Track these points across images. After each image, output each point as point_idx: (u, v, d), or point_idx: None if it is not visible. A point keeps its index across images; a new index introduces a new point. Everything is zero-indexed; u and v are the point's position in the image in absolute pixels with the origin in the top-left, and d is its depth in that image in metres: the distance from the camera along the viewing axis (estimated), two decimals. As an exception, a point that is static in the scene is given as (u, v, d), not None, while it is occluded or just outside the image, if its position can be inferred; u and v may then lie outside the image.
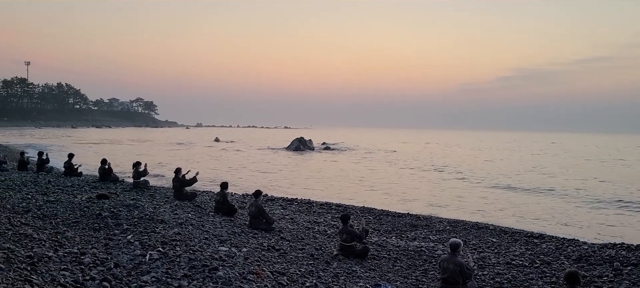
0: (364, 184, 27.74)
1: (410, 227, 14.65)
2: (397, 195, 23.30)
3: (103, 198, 13.23)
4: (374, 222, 15.08)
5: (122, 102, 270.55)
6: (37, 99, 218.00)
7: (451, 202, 21.44)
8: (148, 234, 9.32)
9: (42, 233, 8.66)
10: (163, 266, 7.33)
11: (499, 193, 24.63)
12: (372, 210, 17.53)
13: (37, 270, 6.41)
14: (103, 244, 8.49)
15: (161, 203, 13.51)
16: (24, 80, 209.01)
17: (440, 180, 30.68)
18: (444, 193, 24.56)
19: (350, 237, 10.26)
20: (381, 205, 19.36)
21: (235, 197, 17.98)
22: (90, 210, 11.27)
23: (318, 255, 10.20)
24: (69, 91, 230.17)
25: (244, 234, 11.02)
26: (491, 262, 10.86)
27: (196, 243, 8.94)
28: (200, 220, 11.64)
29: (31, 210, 10.88)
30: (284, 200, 18.65)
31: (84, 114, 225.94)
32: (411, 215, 16.92)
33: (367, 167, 39.57)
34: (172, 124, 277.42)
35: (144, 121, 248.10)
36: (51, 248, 7.67)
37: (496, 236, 13.77)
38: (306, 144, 61.70)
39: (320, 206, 17.56)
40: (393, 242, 12.30)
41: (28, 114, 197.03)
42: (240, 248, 9.39)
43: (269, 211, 13.56)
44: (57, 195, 13.61)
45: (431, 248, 11.87)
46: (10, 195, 13.12)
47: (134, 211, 11.41)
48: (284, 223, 13.23)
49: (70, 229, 9.52)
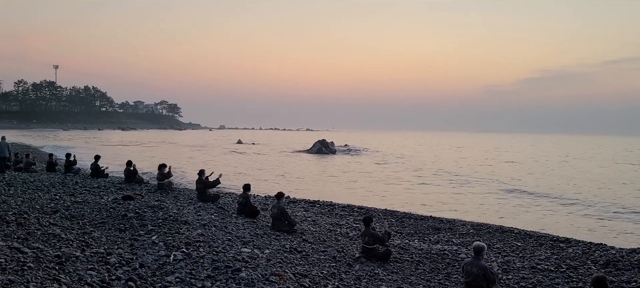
0: (385, 186, 27.62)
1: (433, 230, 14.53)
2: (420, 198, 23.13)
3: (128, 199, 13.45)
4: (396, 225, 15.00)
5: (147, 104, 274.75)
6: (65, 101, 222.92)
7: (474, 205, 21.20)
8: (172, 235, 9.44)
9: (69, 233, 8.85)
10: (187, 267, 7.42)
11: (523, 198, 24.27)
12: (395, 212, 17.44)
13: (65, 269, 6.55)
14: (128, 244, 8.63)
15: (185, 205, 13.67)
16: (52, 83, 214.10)
17: (462, 183, 30.35)
18: (466, 196, 24.30)
19: (373, 240, 10.23)
20: (403, 207, 19.25)
21: (257, 198, 18.09)
22: (116, 211, 11.47)
23: (340, 257, 10.19)
24: (96, 94, 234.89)
25: (267, 236, 11.07)
26: (516, 266, 10.70)
27: (219, 245, 9.02)
28: (223, 222, 11.74)
29: (59, 211, 11.12)
30: (306, 202, 18.68)
31: (110, 117, 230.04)
32: (434, 218, 16.77)
33: (388, 169, 39.40)
34: (195, 126, 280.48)
35: (168, 123, 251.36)
36: (78, 248, 7.83)
37: (521, 240, 13.56)
38: (328, 146, 61.70)
39: (342, 208, 17.54)
40: (416, 245, 12.22)
41: (56, 116, 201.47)
42: (263, 250, 9.44)
43: (291, 213, 13.60)
44: (84, 196, 13.89)
45: (454, 251, 11.75)
46: (39, 195, 13.45)
47: (158, 212, 11.57)
48: (306, 226, 13.25)
49: (96, 229, 9.70)
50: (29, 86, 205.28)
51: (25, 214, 9.97)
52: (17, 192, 13.74)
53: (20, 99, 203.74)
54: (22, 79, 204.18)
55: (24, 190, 14.29)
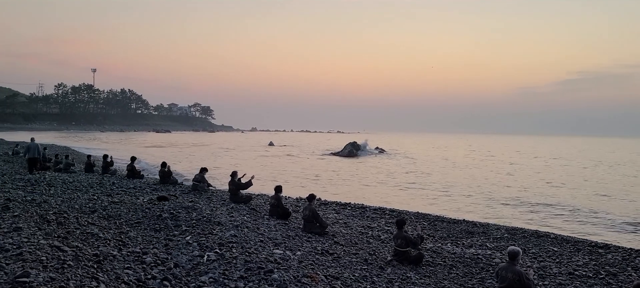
0: (417, 189, 27.36)
1: (466, 234, 14.32)
2: (452, 201, 22.82)
3: (163, 200, 13.72)
4: (429, 228, 14.84)
5: (181, 107, 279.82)
6: (102, 104, 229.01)
7: (508, 209, 20.79)
8: (206, 236, 9.58)
9: (107, 233, 9.07)
10: (220, 267, 7.51)
11: (560, 201, 23.67)
12: (427, 215, 17.26)
13: (103, 268, 6.72)
14: (163, 244, 8.80)
15: (218, 206, 13.85)
16: (90, 86, 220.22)
17: (497, 186, 29.81)
18: (500, 199, 23.84)
19: (405, 243, 10.14)
20: (436, 211, 19.04)
21: (289, 200, 18.17)
22: (151, 212, 11.71)
23: (372, 260, 10.14)
24: (132, 97, 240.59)
25: (298, 238, 11.11)
26: (552, 271, 10.44)
27: (252, 246, 9.10)
28: (255, 223, 11.84)
29: (97, 211, 11.42)
30: (337, 204, 18.68)
31: (145, 119, 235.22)
32: (467, 221, 16.53)
33: (421, 172, 39.01)
34: (227, 128, 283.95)
35: (201, 125, 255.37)
36: (115, 247, 8.02)
37: (557, 245, 13.23)
38: (359, 148, 61.52)
39: (373, 211, 17.46)
40: (448, 249, 12.06)
41: (94, 118, 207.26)
42: (295, 252, 9.47)
43: (323, 215, 13.61)
44: (121, 197, 14.23)
45: (488, 256, 11.55)
46: (78, 195, 13.84)
47: (192, 213, 11.76)
48: (338, 228, 13.24)
49: (132, 229, 9.92)
50: (68, 89, 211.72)
51: (65, 213, 10.27)
52: (57, 192, 14.18)
53: (60, 101, 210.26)
54: (62, 82, 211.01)
55: (63, 190, 14.73)
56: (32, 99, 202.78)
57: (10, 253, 6.53)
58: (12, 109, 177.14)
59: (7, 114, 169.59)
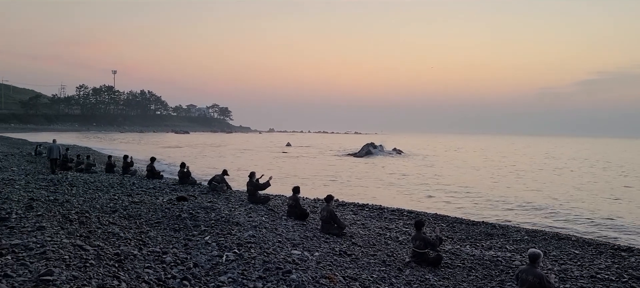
0: (435, 191, 27.17)
1: (486, 236, 14.18)
2: (471, 203, 22.61)
3: (182, 200, 13.85)
4: (447, 230, 14.74)
5: (199, 108, 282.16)
6: (122, 105, 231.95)
7: (528, 211, 20.53)
8: (224, 236, 9.64)
9: (127, 232, 9.19)
10: (239, 267, 7.55)
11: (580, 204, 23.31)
12: (445, 217, 17.14)
13: (124, 267, 6.81)
14: (183, 244, 8.88)
15: (236, 206, 13.93)
16: (110, 88, 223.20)
17: (517, 187, 29.47)
18: (520, 201, 23.56)
19: (424, 244, 10.08)
20: (454, 212, 18.89)
21: (307, 201, 18.20)
22: (170, 212, 11.83)
23: (390, 261, 10.11)
24: (151, 98, 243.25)
25: (316, 238, 11.12)
26: (574, 274, 10.28)
27: (270, 246, 9.13)
28: (273, 224, 11.88)
29: (118, 210, 11.58)
30: (355, 205, 18.65)
31: (164, 120, 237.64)
32: (486, 223, 16.37)
33: (439, 174, 38.73)
34: (245, 129, 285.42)
35: (219, 126, 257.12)
36: (136, 247, 8.12)
37: (579, 248, 13.03)
38: (377, 149, 61.36)
39: (391, 212, 17.39)
40: (467, 251, 11.96)
41: (114, 119, 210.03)
42: (313, 252, 9.49)
43: (341, 216, 13.60)
44: (141, 197, 14.39)
45: (508, 258, 11.42)
46: (99, 195, 14.04)
47: (211, 213, 11.85)
48: (356, 229, 13.22)
49: (152, 229, 10.03)
50: (89, 91, 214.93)
51: (86, 213, 10.44)
52: (79, 192, 14.41)
53: (81, 102, 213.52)
54: (83, 84, 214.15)
55: (85, 190, 14.96)
56: (54, 100, 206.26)
57: (34, 251, 6.66)
58: (35, 110, 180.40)
59: (30, 115, 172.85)
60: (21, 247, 6.81)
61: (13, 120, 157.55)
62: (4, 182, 15.08)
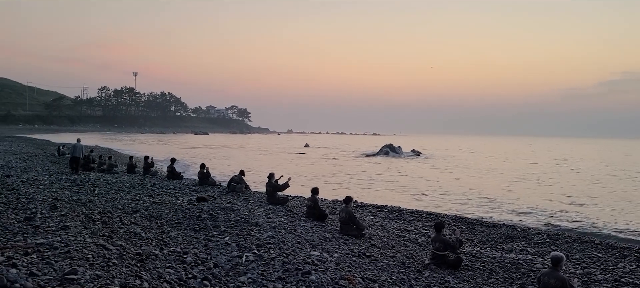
0: (455, 192, 26.95)
1: (506, 238, 14.02)
2: (491, 205, 22.37)
3: (202, 201, 13.97)
4: (467, 232, 14.61)
5: (218, 109, 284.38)
6: (143, 106, 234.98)
7: (549, 214, 20.23)
8: (244, 236, 9.71)
9: (149, 232, 9.31)
10: (258, 268, 7.59)
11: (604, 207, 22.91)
12: (465, 219, 17.00)
13: (145, 266, 6.90)
14: (203, 245, 8.96)
15: (255, 207, 14.01)
16: (131, 89, 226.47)
17: (538, 190, 29.08)
18: (541, 204, 23.25)
19: (444, 246, 10.01)
20: (474, 214, 18.72)
21: (325, 202, 18.20)
22: (191, 212, 11.94)
23: (409, 263, 10.06)
24: (171, 99, 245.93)
25: (335, 240, 11.12)
26: (597, 278, 10.11)
27: (289, 247, 9.17)
28: (292, 225, 11.92)
29: (139, 211, 11.73)
30: (373, 206, 18.60)
31: (184, 121, 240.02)
32: (507, 225, 16.19)
33: (458, 176, 38.44)
34: (264, 130, 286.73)
35: (238, 127, 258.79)
36: (157, 247, 8.22)
37: (602, 251, 12.81)
38: (395, 150, 61.13)
39: (410, 214, 17.31)
40: (488, 253, 11.84)
41: (135, 120, 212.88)
42: (332, 254, 9.49)
43: (359, 217, 13.59)
44: (162, 197, 14.57)
45: (529, 261, 11.28)
46: (121, 196, 14.25)
47: (230, 214, 11.94)
48: (374, 230, 13.19)
49: (173, 229, 10.15)
50: (111, 92, 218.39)
51: (109, 213, 10.60)
52: (101, 192, 14.64)
53: (103, 104, 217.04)
54: (105, 86, 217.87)
55: (107, 191, 15.19)
56: (77, 102, 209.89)
57: (59, 251, 6.78)
58: (58, 112, 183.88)
59: (54, 116, 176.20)
60: (46, 246, 6.94)
61: (37, 121, 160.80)
62: (29, 182, 15.39)
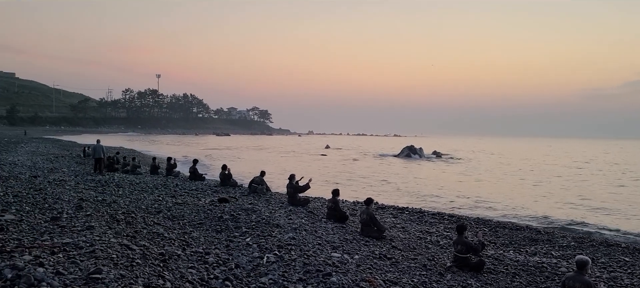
0: (477, 194, 26.66)
1: (530, 241, 13.81)
2: (514, 207, 22.06)
3: (224, 201, 14.08)
4: (490, 235, 14.43)
5: (240, 110, 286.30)
6: (166, 108, 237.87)
7: (574, 216, 19.88)
8: (265, 238, 9.75)
9: (171, 233, 9.42)
10: (279, 269, 7.63)
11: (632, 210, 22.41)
12: (488, 221, 16.80)
13: (168, 266, 6.98)
14: (224, 245, 9.03)
15: (276, 208, 14.06)
16: (155, 91, 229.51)
17: (563, 191, 28.60)
18: (565, 206, 22.86)
19: (466, 249, 9.91)
20: (497, 217, 18.49)
21: (346, 204, 18.17)
22: (212, 213, 12.05)
23: (431, 266, 9.98)
24: (193, 101, 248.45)
25: (356, 241, 11.10)
26: (624, 283, 9.88)
27: (310, 249, 9.18)
28: (313, 226, 11.93)
29: (162, 211, 11.87)
30: (394, 208, 18.50)
31: (206, 122, 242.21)
32: (530, 228, 15.95)
33: (480, 177, 38.02)
34: (284, 131, 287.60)
35: (259, 129, 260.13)
36: (180, 247, 8.32)
37: (629, 255, 12.52)
38: (416, 152, 60.74)
39: (432, 216, 17.17)
40: (511, 256, 11.68)
41: (158, 122, 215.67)
42: (353, 255, 9.48)
43: (380, 219, 13.53)
44: (184, 198, 14.72)
45: (554, 264, 11.09)
46: (144, 196, 14.44)
47: (252, 215, 12.01)
48: (395, 232, 13.12)
49: (195, 230, 10.25)
50: (134, 94, 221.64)
51: (132, 213, 10.76)
52: (125, 193, 14.86)
53: (127, 106, 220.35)
54: (129, 88, 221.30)
55: (131, 191, 15.42)
56: (102, 104, 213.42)
57: (84, 250, 6.91)
58: (84, 113, 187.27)
59: (80, 118, 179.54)
60: (72, 246, 7.08)
61: (63, 123, 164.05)
62: (56, 183, 15.71)
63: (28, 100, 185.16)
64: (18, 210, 9.70)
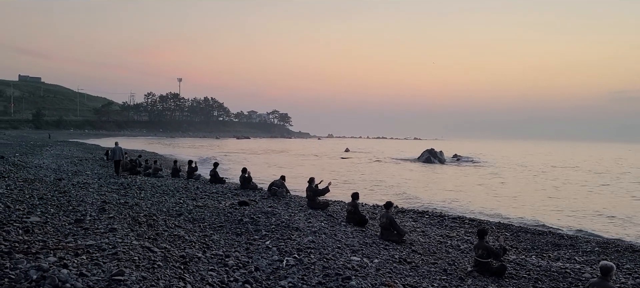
0: (499, 199, 26.36)
1: (553, 246, 13.59)
2: (537, 212, 21.74)
3: (244, 204, 14.16)
4: (512, 239, 14.25)
5: (260, 114, 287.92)
6: (187, 112, 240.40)
7: (598, 221, 19.51)
8: (284, 241, 9.79)
9: (192, 235, 9.51)
10: (299, 272, 7.64)
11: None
12: (509, 226, 16.59)
13: (189, 269, 7.05)
14: (244, 248, 9.09)
15: (296, 212, 14.08)
16: (176, 95, 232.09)
17: (587, 194, 28.09)
18: (589, 211, 22.43)
19: (487, 253, 9.80)
20: (519, 221, 18.24)
21: (365, 207, 18.13)
22: (232, 216, 12.13)
23: (451, 270, 9.89)
24: (214, 104, 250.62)
25: (375, 245, 11.06)
26: (650, 290, 9.67)
27: (329, 252, 9.18)
28: (332, 229, 11.93)
29: (183, 214, 11.99)
30: (414, 212, 18.39)
31: (226, 126, 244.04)
32: (553, 233, 15.70)
33: (502, 181, 37.56)
34: (304, 134, 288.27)
35: (279, 132, 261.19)
36: (200, 250, 8.39)
37: (656, 261, 12.24)
38: (437, 155, 60.26)
39: (452, 220, 17.02)
40: (533, 261, 11.51)
41: (179, 125, 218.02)
42: (372, 259, 9.45)
43: (400, 223, 13.46)
44: (204, 201, 14.85)
45: (577, 270, 10.90)
46: (166, 199, 14.61)
47: (271, 218, 12.05)
48: (415, 236, 13.05)
49: (215, 232, 10.33)
50: (156, 98, 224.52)
51: (154, 216, 10.89)
52: (147, 196, 15.05)
53: (149, 109, 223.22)
54: (151, 92, 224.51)
55: (152, 194, 15.61)
56: (124, 108, 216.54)
57: (107, 252, 7.02)
58: (107, 117, 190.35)
59: (103, 122, 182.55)
60: (95, 248, 7.20)
61: (87, 126, 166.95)
62: (79, 185, 15.99)
63: (53, 104, 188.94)
64: (43, 213, 9.89)
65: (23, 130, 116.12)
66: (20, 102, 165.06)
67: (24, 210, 9.88)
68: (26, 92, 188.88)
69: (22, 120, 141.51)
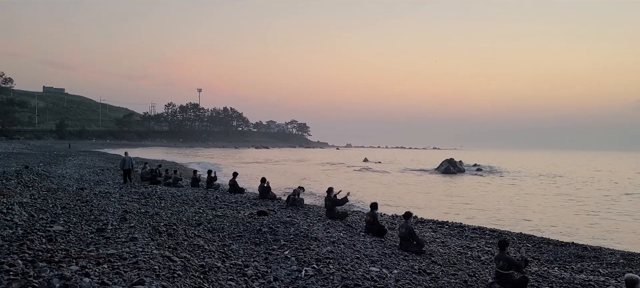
0: (520, 209, 25.99)
1: (576, 258, 13.33)
2: (560, 223, 21.39)
3: (263, 214, 14.20)
4: (533, 251, 14.02)
5: (279, 124, 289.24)
6: (206, 122, 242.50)
7: (623, 232, 19.10)
8: (303, 251, 9.77)
9: (211, 245, 9.56)
10: (317, 282, 7.62)
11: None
12: (531, 237, 16.32)
13: (208, 278, 7.09)
14: (263, 258, 9.10)
15: (314, 222, 14.07)
16: (196, 105, 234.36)
17: (608, 207, 27.53)
18: (614, 221, 21.98)
19: (508, 265, 9.64)
20: (541, 232, 17.95)
21: (384, 217, 18.03)
22: (251, 226, 12.17)
23: (472, 282, 9.77)
24: (233, 115, 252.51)
25: (394, 256, 10.98)
26: (678, 303, 9.41)
27: (348, 262, 9.14)
28: (351, 240, 11.88)
29: (202, 224, 12.07)
30: (434, 222, 18.23)
31: (245, 136, 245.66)
32: (576, 244, 15.40)
33: (524, 192, 37.04)
34: (323, 144, 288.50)
35: (297, 142, 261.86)
36: (219, 259, 8.43)
37: (684, 274, 11.91)
38: (456, 165, 59.74)
39: (472, 230, 16.82)
40: (556, 273, 11.30)
41: (199, 135, 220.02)
42: (391, 270, 9.38)
43: (419, 233, 13.35)
44: (224, 210, 14.93)
45: (602, 282, 10.67)
46: (185, 209, 14.72)
47: (290, 228, 12.06)
48: (435, 247, 12.92)
49: (235, 242, 10.37)
50: (176, 108, 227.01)
51: (174, 226, 10.98)
52: (167, 205, 15.20)
53: (169, 119, 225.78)
54: (171, 102, 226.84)
55: (172, 204, 15.75)
56: (145, 118, 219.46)
57: (128, 261, 7.09)
58: (128, 127, 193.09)
59: (124, 132, 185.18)
60: (116, 257, 7.28)
61: (109, 136, 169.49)
62: (101, 195, 16.21)
63: (76, 115, 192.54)
64: (66, 222, 10.06)
65: (47, 140, 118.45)
66: (45, 113, 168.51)
67: (47, 219, 10.06)
68: (50, 103, 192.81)
69: (46, 131, 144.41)
